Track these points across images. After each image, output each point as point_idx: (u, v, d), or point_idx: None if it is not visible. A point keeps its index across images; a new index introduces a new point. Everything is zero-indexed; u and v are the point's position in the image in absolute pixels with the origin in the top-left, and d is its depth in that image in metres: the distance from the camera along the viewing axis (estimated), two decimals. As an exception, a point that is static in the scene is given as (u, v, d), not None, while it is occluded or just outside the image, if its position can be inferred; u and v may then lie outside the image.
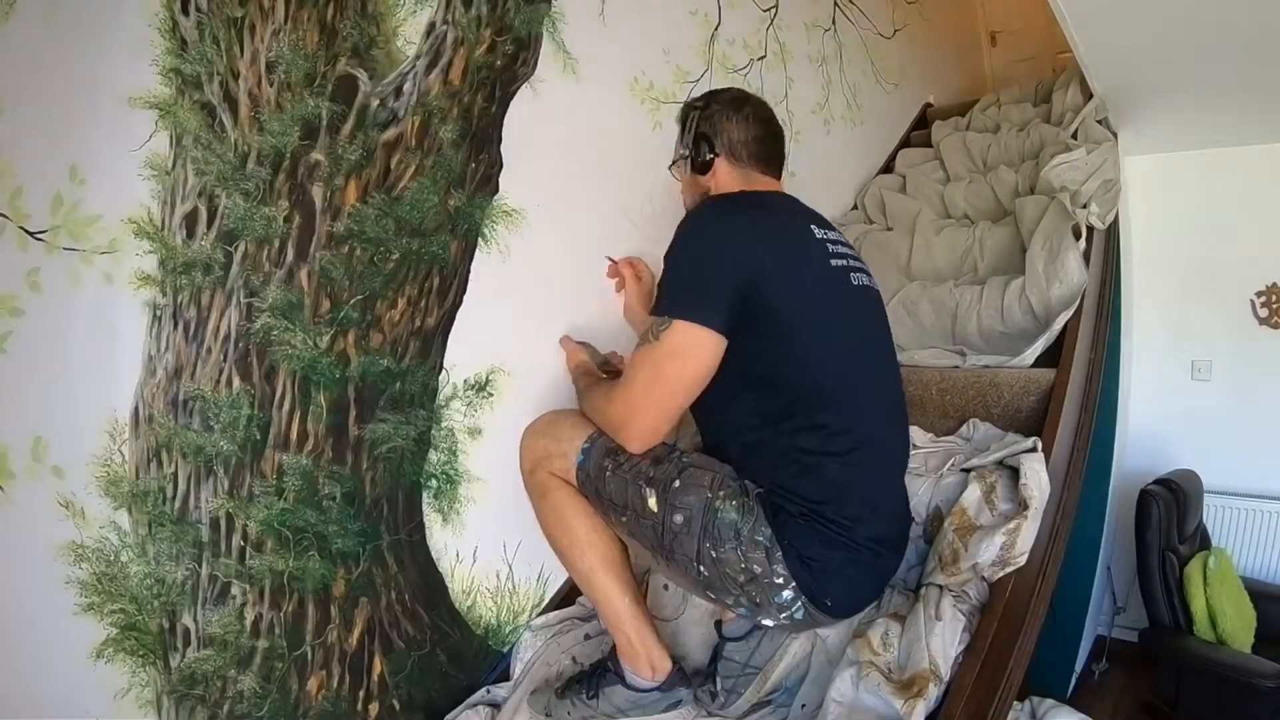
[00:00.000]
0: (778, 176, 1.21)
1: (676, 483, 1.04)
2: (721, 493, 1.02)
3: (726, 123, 1.16)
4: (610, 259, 1.50)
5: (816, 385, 1.01)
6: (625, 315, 1.49)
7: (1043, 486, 1.20)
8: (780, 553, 0.99)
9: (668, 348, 0.99)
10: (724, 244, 1.00)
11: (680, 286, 1.01)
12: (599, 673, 1.19)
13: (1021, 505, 1.18)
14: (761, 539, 1.00)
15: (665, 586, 1.43)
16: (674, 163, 1.25)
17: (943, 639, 1.06)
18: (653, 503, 1.04)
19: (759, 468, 1.05)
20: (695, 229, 1.04)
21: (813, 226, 1.07)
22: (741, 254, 0.98)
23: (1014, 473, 1.29)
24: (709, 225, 1.03)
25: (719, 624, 1.26)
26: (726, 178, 1.17)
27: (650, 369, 1.01)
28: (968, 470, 1.36)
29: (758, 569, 1.00)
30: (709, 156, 1.16)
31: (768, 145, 1.18)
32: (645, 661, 1.13)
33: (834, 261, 1.06)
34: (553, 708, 1.21)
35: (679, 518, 1.03)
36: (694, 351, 0.99)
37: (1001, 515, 1.20)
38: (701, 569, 1.03)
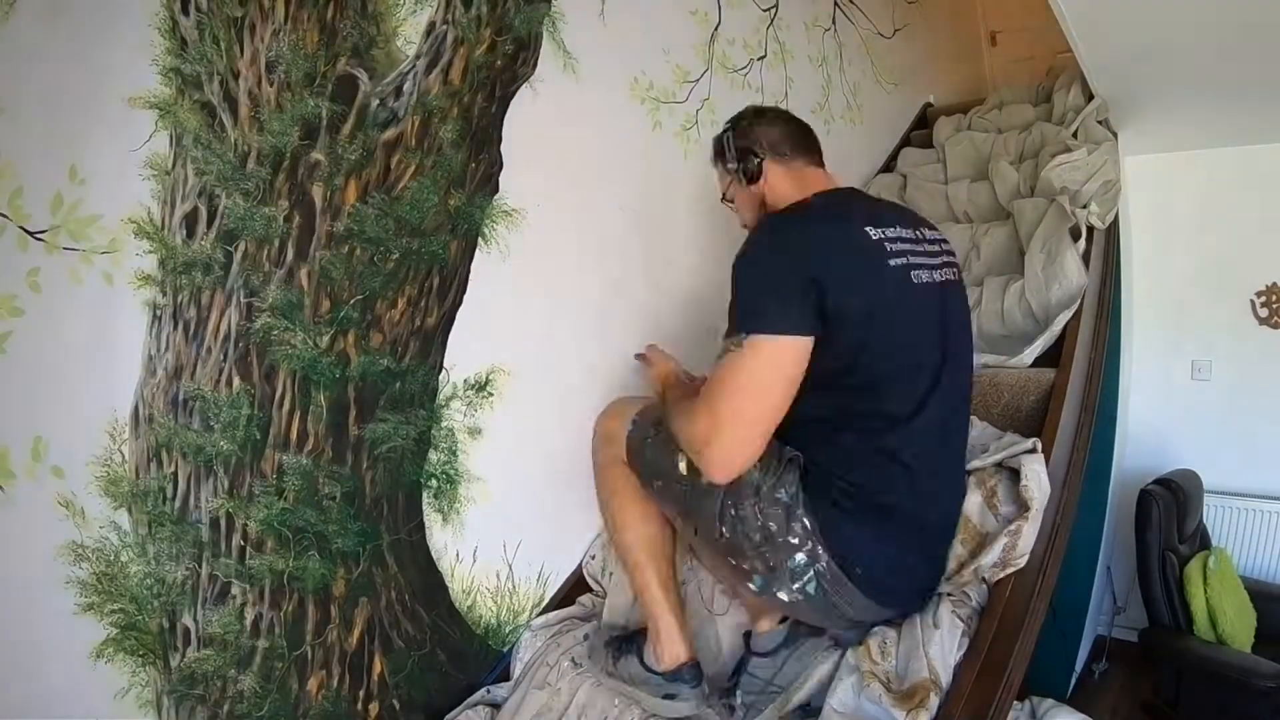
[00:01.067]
0: (822, 163, 1.23)
1: None
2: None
3: (759, 129, 1.20)
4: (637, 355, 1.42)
5: (869, 382, 1.01)
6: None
7: (1043, 488, 1.20)
8: (801, 510, 1.01)
9: (750, 361, 0.95)
10: (786, 253, 1.00)
11: (752, 302, 0.99)
12: (630, 639, 1.26)
13: (1022, 507, 1.18)
14: (782, 496, 1.02)
15: (684, 582, 1.42)
16: (725, 193, 1.26)
17: (942, 647, 1.05)
18: (683, 466, 1.10)
19: (803, 445, 1.06)
20: (754, 245, 1.03)
21: (868, 228, 1.03)
22: (804, 260, 0.98)
23: (1014, 474, 1.28)
24: (767, 239, 1.03)
25: (747, 635, 1.27)
26: (779, 179, 1.18)
27: (732, 382, 0.96)
28: (968, 473, 1.35)
29: (773, 526, 1.02)
30: (756, 161, 1.18)
31: (803, 135, 1.21)
32: (663, 647, 1.18)
33: (892, 261, 1.02)
34: (593, 651, 1.30)
35: (704, 479, 1.04)
36: (777, 359, 0.96)
37: (1004, 519, 1.20)
38: (723, 529, 1.06)
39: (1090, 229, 1.87)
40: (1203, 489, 2.59)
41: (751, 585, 1.07)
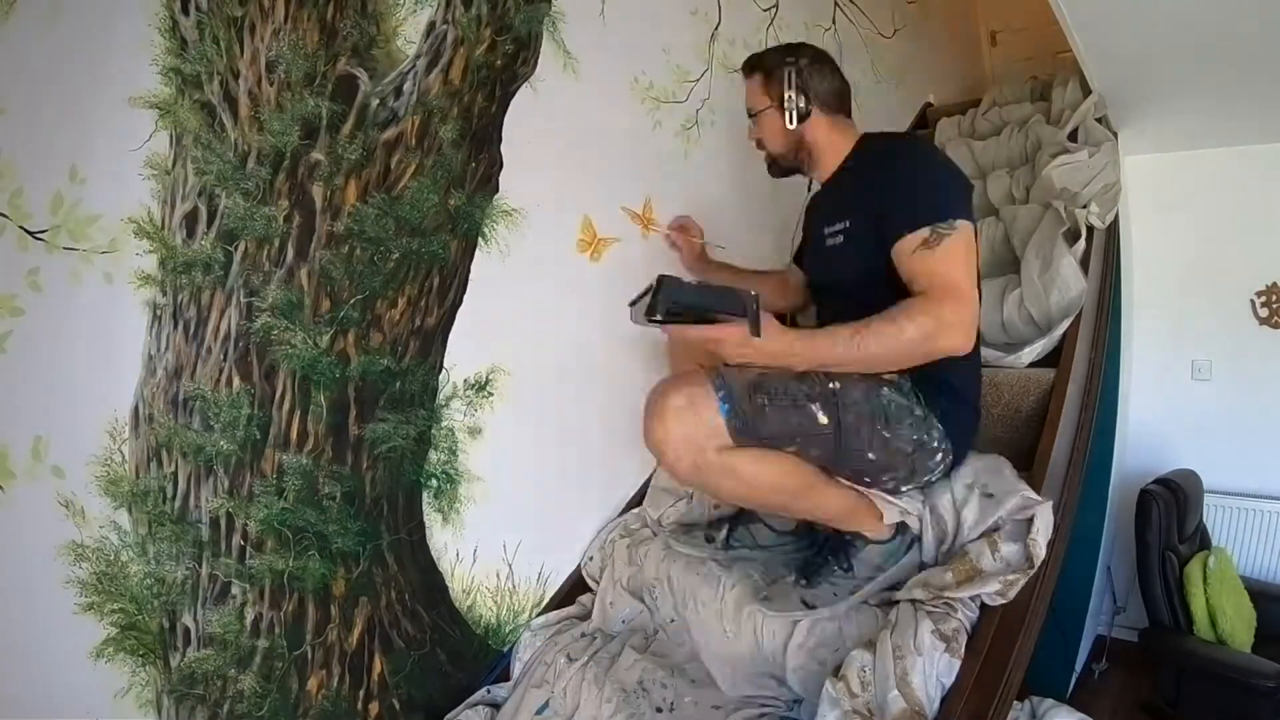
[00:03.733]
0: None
1: (834, 385, 1.11)
2: (871, 380, 1.14)
3: (819, 76, 1.30)
4: (665, 232, 1.65)
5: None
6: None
7: (1048, 539, 1.15)
8: (935, 419, 1.17)
9: (966, 241, 1.12)
10: (955, 166, 1.23)
11: (954, 193, 1.16)
12: (841, 549, 1.31)
13: (1026, 559, 1.11)
14: (920, 413, 1.16)
15: (731, 579, 1.35)
16: (755, 109, 1.34)
17: (924, 674, 1.00)
18: (822, 417, 1.10)
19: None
20: (936, 154, 1.30)
21: None
22: (965, 176, 1.22)
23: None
24: (940, 154, 1.31)
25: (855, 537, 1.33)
26: (820, 128, 1.31)
27: (965, 260, 1.12)
28: (978, 538, 1.22)
29: (923, 438, 1.16)
30: (808, 109, 1.29)
31: (849, 96, 1.35)
32: (873, 523, 1.26)
33: None
34: (814, 583, 1.30)
35: (849, 417, 1.11)
36: (973, 244, 1.16)
37: (1004, 560, 1.13)
38: (871, 455, 1.14)
39: (1090, 229, 1.86)
40: (1203, 489, 2.59)
41: (888, 484, 1.21)
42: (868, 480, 1.20)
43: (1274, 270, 2.76)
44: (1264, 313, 2.78)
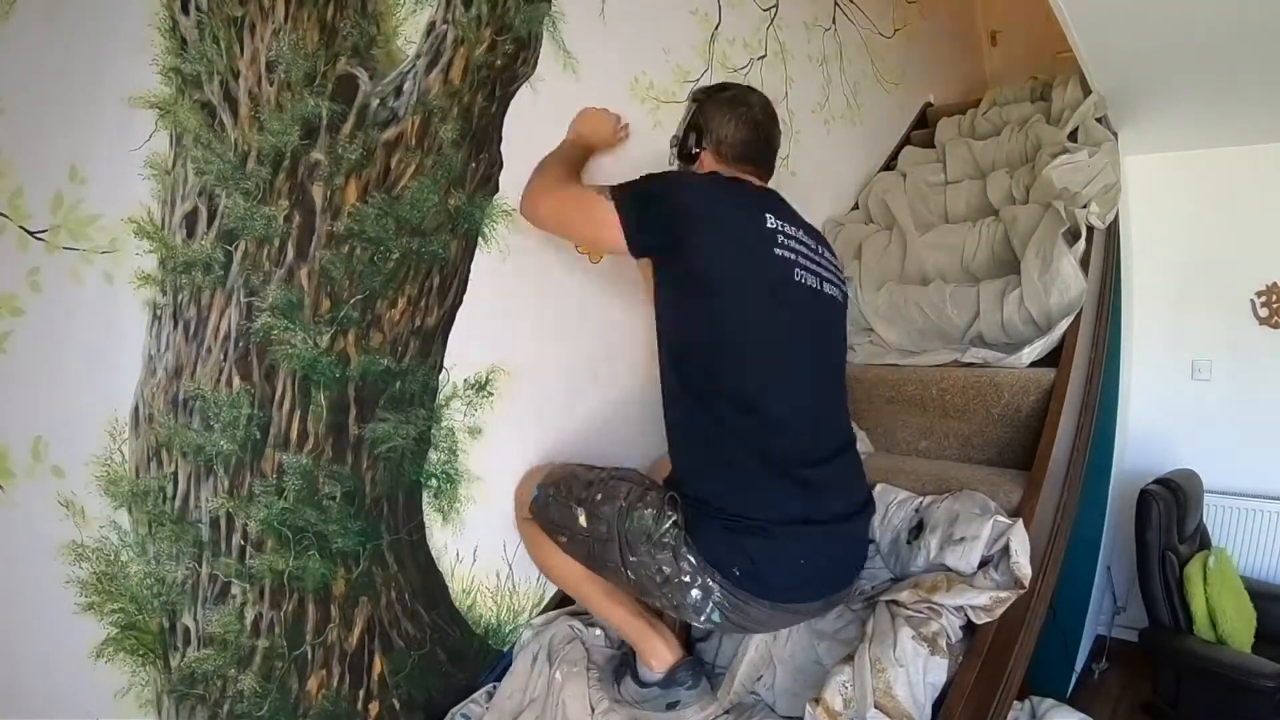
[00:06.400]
0: (764, 178, 1.21)
1: (599, 496, 1.15)
2: (639, 502, 1.11)
3: (720, 120, 1.19)
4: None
5: (728, 350, 1.04)
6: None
7: (1029, 557, 1.14)
8: (685, 549, 1.05)
9: (591, 203, 1.11)
10: (679, 187, 1.09)
11: (635, 187, 1.10)
12: (624, 659, 1.27)
13: (1015, 581, 1.11)
14: (668, 540, 1.07)
15: None
16: (671, 145, 1.30)
17: (908, 684, 0.99)
18: (582, 520, 1.16)
19: (679, 455, 1.13)
20: (668, 172, 1.14)
21: (768, 214, 1.07)
22: (688, 200, 1.05)
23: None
24: (675, 174, 1.13)
25: (687, 626, 1.29)
26: (709, 168, 1.20)
27: (576, 196, 1.15)
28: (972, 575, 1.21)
29: (667, 570, 1.06)
30: (695, 150, 1.19)
31: (755, 148, 1.20)
32: (650, 655, 1.19)
33: (779, 250, 1.06)
34: (603, 678, 1.27)
35: (602, 528, 1.13)
36: (601, 221, 1.09)
37: (993, 581, 1.13)
38: (628, 573, 1.11)
39: (1090, 229, 1.86)
40: (1203, 489, 2.59)
41: (672, 615, 1.14)
42: (649, 603, 1.15)
43: (1274, 270, 2.77)
44: (1264, 313, 2.78)
